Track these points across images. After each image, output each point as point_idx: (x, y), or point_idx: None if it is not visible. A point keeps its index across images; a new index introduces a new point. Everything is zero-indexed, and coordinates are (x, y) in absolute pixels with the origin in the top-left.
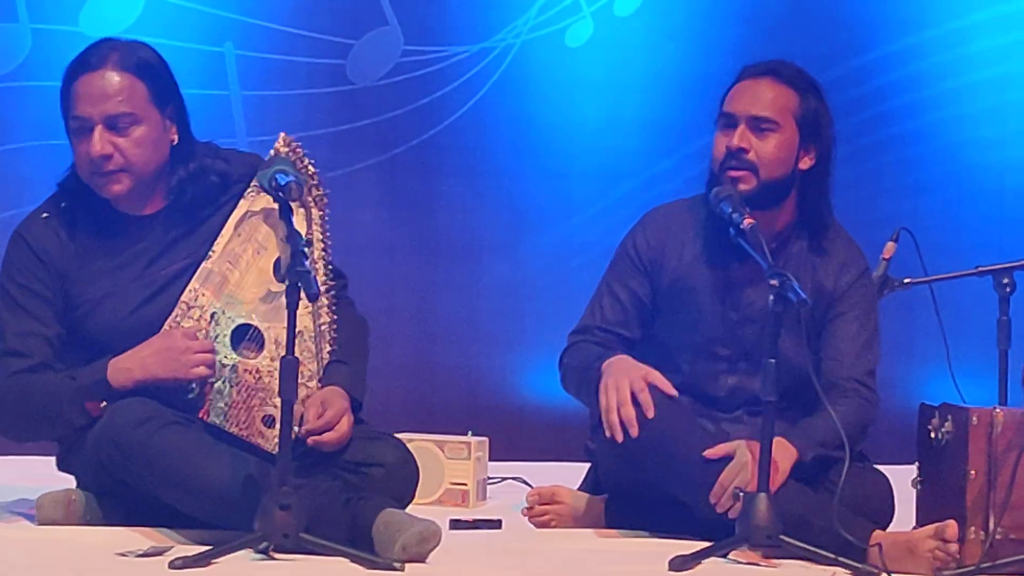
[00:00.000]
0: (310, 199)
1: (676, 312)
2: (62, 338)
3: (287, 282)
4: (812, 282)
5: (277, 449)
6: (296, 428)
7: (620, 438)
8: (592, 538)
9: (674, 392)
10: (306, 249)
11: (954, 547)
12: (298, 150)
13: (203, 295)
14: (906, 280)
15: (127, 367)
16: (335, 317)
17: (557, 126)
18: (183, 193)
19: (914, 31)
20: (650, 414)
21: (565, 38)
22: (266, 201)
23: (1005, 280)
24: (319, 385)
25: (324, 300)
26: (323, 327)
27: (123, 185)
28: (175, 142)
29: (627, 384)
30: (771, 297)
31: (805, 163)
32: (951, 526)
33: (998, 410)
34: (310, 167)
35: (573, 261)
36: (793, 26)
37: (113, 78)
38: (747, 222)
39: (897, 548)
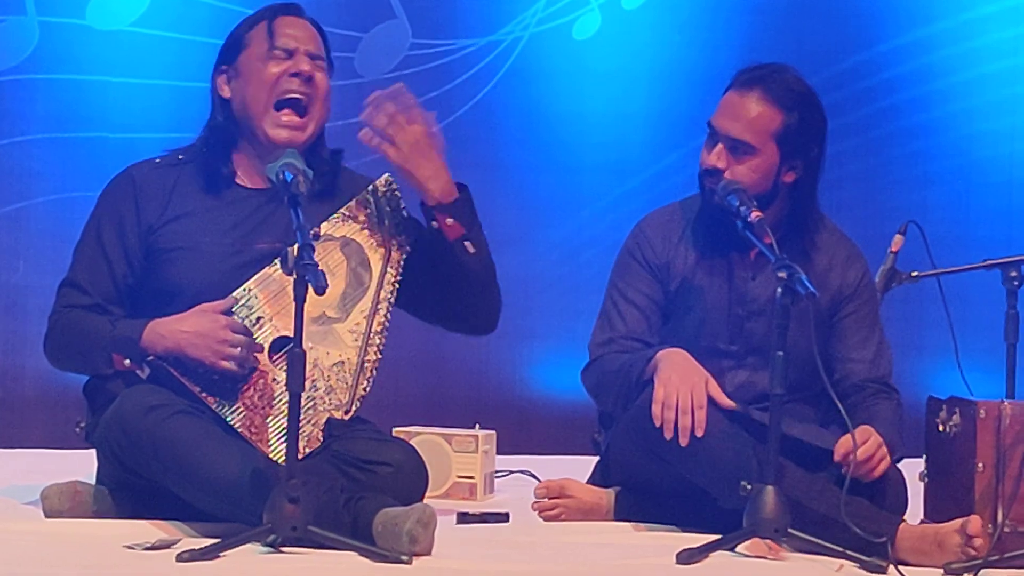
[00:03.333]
0: (394, 242)
1: (684, 314)
2: (129, 284)
3: (294, 275)
4: (815, 276)
5: (283, 460)
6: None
7: (669, 436)
8: (601, 531)
9: (732, 404)
10: (314, 243)
11: (980, 542)
12: (396, 193)
13: (256, 298)
14: (914, 273)
15: (162, 333)
16: (381, 357)
17: (565, 119)
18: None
19: (922, 24)
20: (700, 434)
21: (572, 31)
22: (348, 229)
23: (1013, 273)
24: (345, 417)
25: (376, 339)
26: (367, 363)
27: (304, 134)
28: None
29: (689, 394)
30: (779, 290)
31: (788, 177)
32: (974, 521)
33: (1006, 403)
34: (403, 212)
35: (582, 255)
36: (801, 19)
37: (308, 27)
38: (754, 215)
39: (925, 542)
